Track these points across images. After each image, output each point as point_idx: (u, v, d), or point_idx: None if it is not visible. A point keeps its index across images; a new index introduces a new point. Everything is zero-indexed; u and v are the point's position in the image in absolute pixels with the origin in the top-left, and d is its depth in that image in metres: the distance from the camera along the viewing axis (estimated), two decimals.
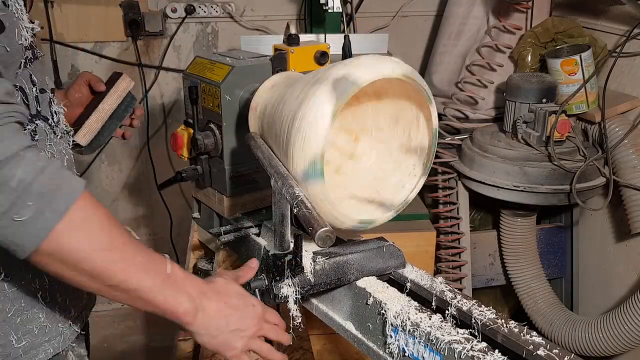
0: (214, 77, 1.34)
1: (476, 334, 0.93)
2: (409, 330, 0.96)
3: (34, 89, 0.95)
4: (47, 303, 0.98)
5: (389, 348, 1.00)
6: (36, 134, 0.94)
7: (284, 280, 1.06)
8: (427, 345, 0.93)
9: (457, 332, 0.92)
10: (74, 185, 0.81)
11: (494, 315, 0.95)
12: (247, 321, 0.98)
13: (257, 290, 1.06)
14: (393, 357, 1.00)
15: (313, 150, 0.97)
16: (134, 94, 1.44)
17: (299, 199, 0.96)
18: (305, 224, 0.94)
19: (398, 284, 1.10)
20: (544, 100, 2.13)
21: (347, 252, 1.09)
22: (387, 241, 1.14)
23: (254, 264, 1.08)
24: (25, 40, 0.92)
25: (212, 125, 1.37)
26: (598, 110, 2.20)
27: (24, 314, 0.95)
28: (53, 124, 0.99)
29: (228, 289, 0.98)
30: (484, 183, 2.21)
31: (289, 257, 1.06)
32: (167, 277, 0.89)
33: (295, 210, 0.96)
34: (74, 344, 1.06)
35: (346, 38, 1.84)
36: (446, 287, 1.05)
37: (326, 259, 1.07)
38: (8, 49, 0.86)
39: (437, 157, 2.35)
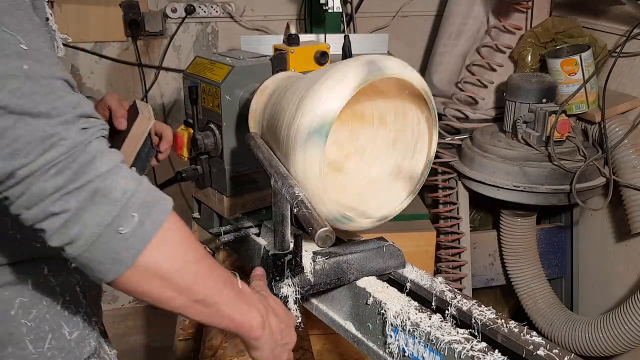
0: (214, 77, 1.34)
1: (476, 334, 0.93)
2: (409, 330, 0.96)
3: None
4: (84, 297, 0.99)
5: (388, 348, 1.00)
6: None
7: (283, 280, 1.06)
8: (427, 345, 0.93)
9: (457, 332, 0.92)
10: (165, 197, 0.81)
11: (494, 315, 0.95)
12: (292, 334, 1.00)
13: None
14: (393, 357, 1.00)
15: (328, 108, 0.98)
16: (154, 146, 1.31)
17: (299, 199, 0.96)
18: (305, 223, 0.94)
19: (398, 284, 1.10)
20: (544, 100, 2.13)
21: (347, 252, 1.09)
22: (387, 241, 1.14)
23: (260, 271, 1.08)
24: (61, 51, 0.92)
25: (212, 125, 1.37)
26: (598, 110, 2.20)
27: (70, 306, 0.96)
28: None
29: (277, 303, 1.00)
30: (484, 183, 2.21)
31: (289, 257, 1.06)
32: (240, 291, 0.90)
33: (295, 210, 0.96)
34: (105, 340, 1.07)
35: (346, 38, 1.84)
36: (446, 287, 1.05)
37: (326, 259, 1.07)
38: None
39: (437, 157, 2.35)
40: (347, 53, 1.84)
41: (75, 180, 0.73)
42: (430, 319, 0.95)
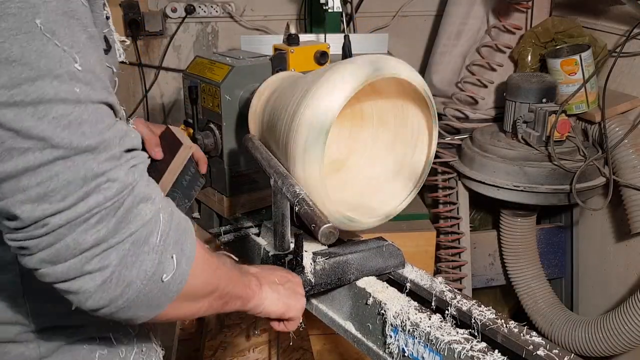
0: (214, 77, 1.34)
1: (476, 334, 0.93)
2: (409, 331, 0.96)
3: None
4: (157, 341, 0.96)
5: (388, 348, 1.00)
6: None
7: None
8: (427, 345, 0.93)
9: (457, 332, 0.92)
10: (188, 222, 0.73)
11: (494, 315, 0.95)
12: (290, 273, 1.00)
13: None
14: (393, 357, 1.00)
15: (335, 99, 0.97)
16: (201, 173, 1.21)
17: (300, 196, 0.96)
18: (307, 221, 0.94)
19: (398, 284, 1.10)
20: (544, 100, 2.13)
21: (347, 252, 1.09)
22: (386, 241, 1.14)
23: None
24: (122, 55, 0.85)
25: (212, 125, 1.37)
26: (598, 110, 2.20)
27: (142, 354, 0.91)
28: None
29: (264, 266, 1.02)
30: (484, 183, 2.21)
31: (289, 257, 1.06)
32: (237, 267, 0.89)
33: (296, 209, 0.96)
34: None
35: (346, 38, 1.84)
36: (446, 287, 1.05)
37: (326, 259, 1.06)
38: (115, 70, 0.78)
39: (437, 157, 2.35)
40: (347, 53, 1.84)
41: (118, 232, 0.61)
42: (430, 319, 0.95)
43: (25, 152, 0.57)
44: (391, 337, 0.99)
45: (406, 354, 0.97)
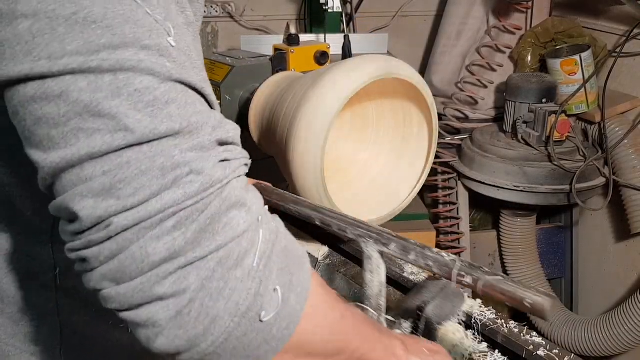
0: (214, 77, 1.34)
1: (476, 334, 0.93)
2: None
3: None
4: None
5: None
6: None
7: None
8: None
9: None
10: (300, 245, 0.56)
11: (494, 315, 0.95)
12: (425, 341, 0.81)
13: None
14: None
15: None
16: None
17: (462, 262, 0.80)
18: (512, 298, 0.73)
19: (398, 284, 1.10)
20: (544, 100, 2.13)
21: (420, 304, 0.91)
22: (440, 279, 0.95)
23: None
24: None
25: None
26: (598, 110, 2.20)
27: None
28: None
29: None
30: (484, 183, 2.21)
31: (397, 331, 0.87)
32: (375, 323, 0.71)
33: (462, 280, 0.81)
34: None
35: (346, 38, 1.84)
36: None
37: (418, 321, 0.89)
38: None
39: (437, 157, 2.34)
40: (347, 53, 1.84)
41: (200, 243, 0.46)
42: None
43: (93, 134, 0.45)
44: None
45: None
